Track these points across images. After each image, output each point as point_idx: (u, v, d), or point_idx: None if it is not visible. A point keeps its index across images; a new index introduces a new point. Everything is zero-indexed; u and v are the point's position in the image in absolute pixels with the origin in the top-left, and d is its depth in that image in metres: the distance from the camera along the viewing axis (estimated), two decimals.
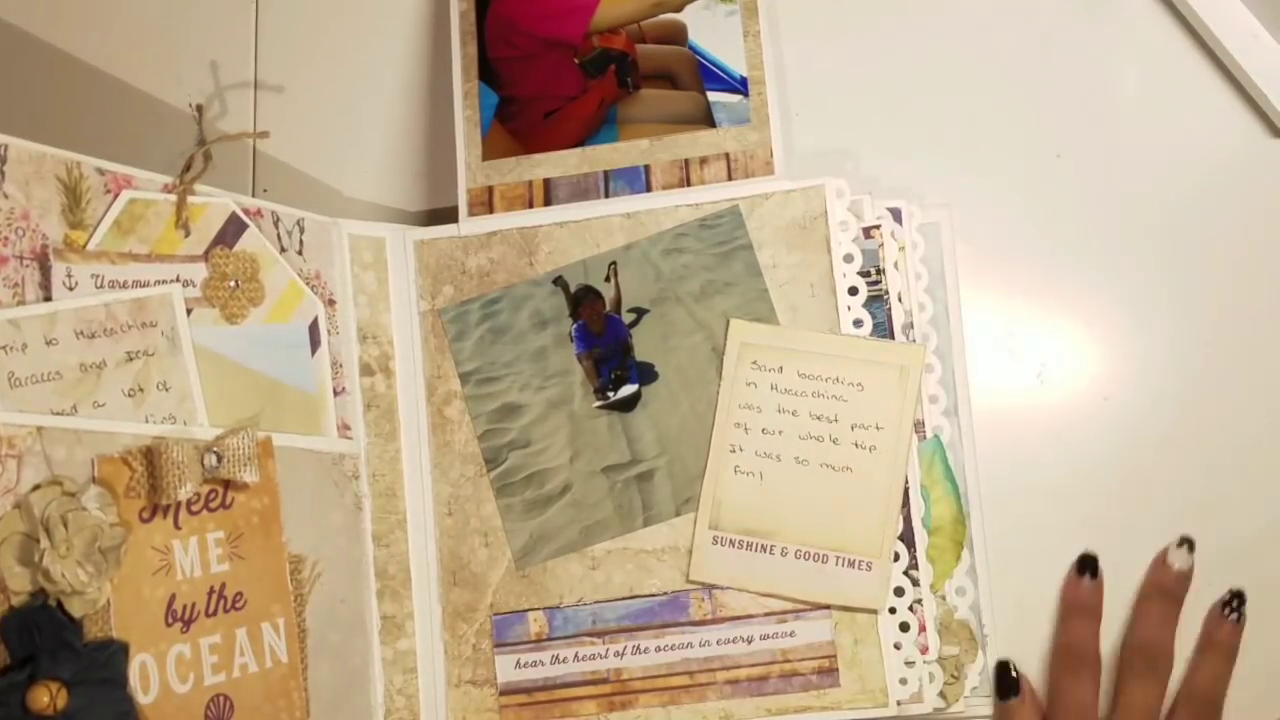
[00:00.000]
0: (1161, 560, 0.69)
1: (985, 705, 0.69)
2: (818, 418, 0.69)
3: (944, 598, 0.69)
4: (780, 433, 0.69)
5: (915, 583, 0.68)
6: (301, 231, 0.70)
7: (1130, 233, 0.74)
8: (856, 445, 0.69)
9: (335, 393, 0.70)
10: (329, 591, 0.66)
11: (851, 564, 0.68)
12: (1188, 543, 0.69)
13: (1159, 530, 0.70)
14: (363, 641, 0.69)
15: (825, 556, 0.68)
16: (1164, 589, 0.69)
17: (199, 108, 0.79)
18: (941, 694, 0.67)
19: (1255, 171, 0.74)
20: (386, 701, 0.69)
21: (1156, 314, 0.73)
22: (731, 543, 0.69)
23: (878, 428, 0.69)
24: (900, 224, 0.71)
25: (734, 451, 0.69)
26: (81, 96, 0.85)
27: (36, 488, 0.52)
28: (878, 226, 0.71)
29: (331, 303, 0.71)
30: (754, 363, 0.70)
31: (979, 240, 0.74)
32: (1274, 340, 0.72)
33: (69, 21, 0.86)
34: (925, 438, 0.70)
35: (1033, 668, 0.69)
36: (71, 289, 0.57)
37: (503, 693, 0.70)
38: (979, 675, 0.68)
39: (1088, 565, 0.70)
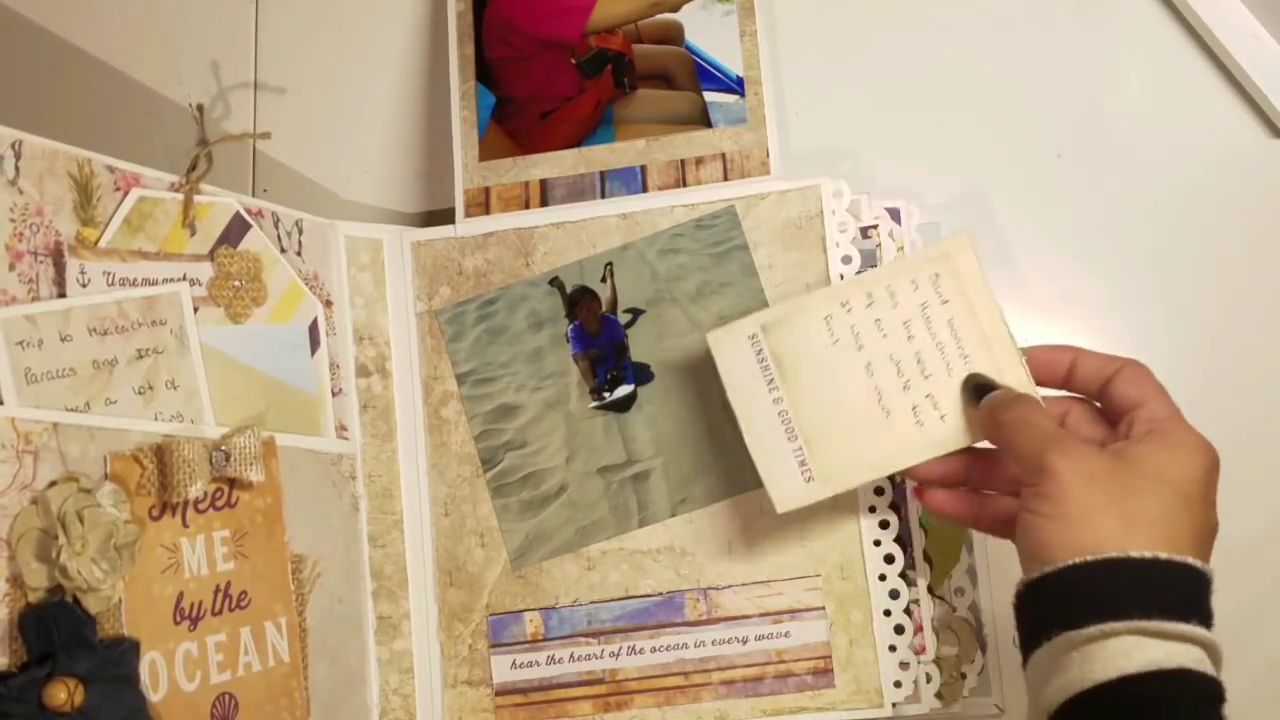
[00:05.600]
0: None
1: (985, 705, 0.72)
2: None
3: (943, 598, 0.72)
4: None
5: (911, 584, 0.71)
6: (300, 232, 0.73)
7: (1130, 233, 0.78)
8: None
9: (333, 394, 0.73)
10: (328, 591, 0.70)
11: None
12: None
13: None
14: (359, 642, 0.72)
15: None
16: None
17: (200, 108, 0.83)
18: (939, 694, 0.71)
19: (1255, 171, 0.78)
20: (382, 701, 0.73)
21: (1156, 314, 0.77)
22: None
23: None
24: (899, 224, 0.74)
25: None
26: (82, 94, 0.89)
27: (53, 484, 0.55)
28: (875, 226, 0.74)
29: (329, 304, 0.74)
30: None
31: (979, 240, 0.75)
32: (1274, 340, 0.77)
33: (70, 21, 0.90)
34: None
35: None
36: (85, 286, 0.60)
37: (498, 693, 0.74)
38: (978, 675, 0.72)
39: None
